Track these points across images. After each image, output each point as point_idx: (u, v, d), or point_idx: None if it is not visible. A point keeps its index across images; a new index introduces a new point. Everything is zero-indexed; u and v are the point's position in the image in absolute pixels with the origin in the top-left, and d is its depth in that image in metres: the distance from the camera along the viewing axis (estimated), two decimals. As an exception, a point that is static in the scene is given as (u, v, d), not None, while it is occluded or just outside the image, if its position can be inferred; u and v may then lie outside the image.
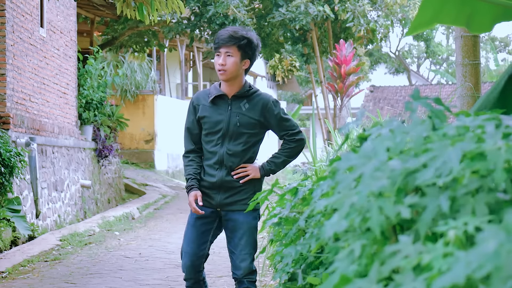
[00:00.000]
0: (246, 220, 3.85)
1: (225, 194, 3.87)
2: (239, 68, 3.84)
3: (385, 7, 16.78)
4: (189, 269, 3.98)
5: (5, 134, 8.38)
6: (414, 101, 1.43)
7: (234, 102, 3.87)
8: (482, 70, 31.69)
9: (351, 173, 1.35)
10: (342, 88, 13.75)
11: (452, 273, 1.06)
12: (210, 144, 3.90)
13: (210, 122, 3.89)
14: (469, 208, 1.22)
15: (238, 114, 3.85)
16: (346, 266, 1.26)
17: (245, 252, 3.85)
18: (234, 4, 14.88)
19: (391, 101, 31.29)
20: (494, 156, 1.20)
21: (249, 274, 3.88)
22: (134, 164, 18.51)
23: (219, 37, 3.83)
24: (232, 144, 3.85)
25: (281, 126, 3.91)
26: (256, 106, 3.86)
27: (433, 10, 2.60)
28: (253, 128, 3.86)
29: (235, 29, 3.88)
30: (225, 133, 3.85)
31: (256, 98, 3.88)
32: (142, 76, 19.00)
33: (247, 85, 3.90)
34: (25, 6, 9.74)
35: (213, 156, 3.89)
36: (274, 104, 3.89)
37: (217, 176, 3.87)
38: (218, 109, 3.88)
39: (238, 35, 3.81)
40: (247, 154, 3.87)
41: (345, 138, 1.67)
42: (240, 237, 3.86)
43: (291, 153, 3.95)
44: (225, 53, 3.81)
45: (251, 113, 3.85)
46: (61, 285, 6.17)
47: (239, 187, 3.86)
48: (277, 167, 3.94)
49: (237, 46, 3.80)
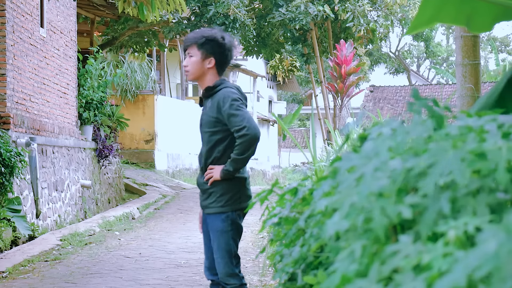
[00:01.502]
0: (214, 224, 3.82)
1: (203, 197, 3.90)
2: (201, 67, 3.79)
3: (385, 7, 16.79)
4: (207, 272, 3.98)
5: (5, 134, 8.38)
6: (415, 101, 1.43)
7: (205, 102, 3.87)
8: (482, 70, 31.70)
9: (352, 173, 1.36)
10: (342, 88, 13.76)
11: (453, 274, 1.06)
12: None
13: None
14: (470, 208, 1.22)
15: (203, 114, 3.86)
16: (347, 266, 1.26)
17: (217, 255, 3.81)
18: (234, 4, 14.88)
19: (391, 101, 31.30)
20: (495, 156, 1.20)
21: (229, 278, 3.79)
22: (134, 164, 18.52)
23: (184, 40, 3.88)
24: (203, 145, 3.88)
25: (230, 122, 3.73)
26: (214, 103, 3.79)
27: (433, 9, 2.60)
28: (213, 126, 3.77)
29: (199, 30, 3.89)
30: (200, 135, 3.91)
31: (216, 96, 3.78)
32: (142, 76, 19.00)
33: (216, 84, 3.81)
34: (25, 6, 9.75)
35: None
36: (225, 100, 3.73)
37: (198, 178, 3.96)
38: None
39: (197, 35, 3.80)
40: (211, 154, 3.80)
41: (346, 138, 1.68)
42: (212, 241, 3.84)
43: (239, 150, 3.71)
44: (187, 54, 3.82)
45: (210, 111, 3.79)
46: (61, 285, 6.17)
47: (208, 189, 3.83)
48: (230, 166, 3.74)
49: (196, 45, 3.78)
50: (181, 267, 6.98)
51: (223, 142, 3.80)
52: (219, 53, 3.82)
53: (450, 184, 1.26)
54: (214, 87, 3.81)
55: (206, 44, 3.79)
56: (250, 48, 17.62)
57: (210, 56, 3.80)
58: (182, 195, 15.29)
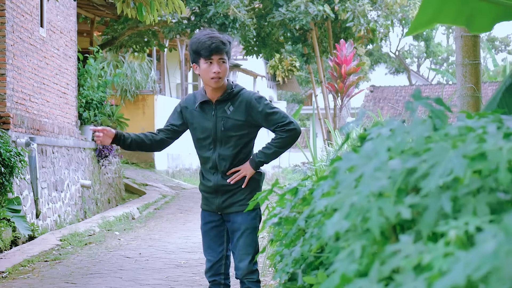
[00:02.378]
0: (245, 221, 3.86)
1: (222, 198, 3.88)
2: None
3: (385, 7, 16.78)
4: (209, 273, 3.99)
5: (5, 134, 8.38)
6: (415, 101, 1.43)
7: (219, 107, 3.84)
8: (482, 70, 31.71)
9: (352, 173, 1.35)
10: (342, 88, 13.76)
11: (452, 274, 1.06)
12: (203, 149, 3.91)
13: (199, 128, 3.89)
14: (470, 208, 1.22)
15: (223, 119, 3.82)
16: (347, 266, 1.26)
17: (243, 252, 3.86)
18: (234, 4, 14.88)
19: (391, 101, 31.30)
20: (496, 156, 1.20)
21: (249, 274, 3.88)
22: (134, 164, 18.52)
23: (210, 46, 3.73)
24: (223, 148, 3.84)
25: (269, 120, 3.83)
26: (240, 107, 3.82)
27: (433, 9, 2.60)
28: (241, 129, 3.83)
29: (217, 34, 3.81)
30: (214, 138, 3.85)
31: (239, 99, 3.83)
32: (142, 76, 19.00)
33: (229, 87, 3.84)
34: (25, 6, 9.74)
35: (208, 161, 3.90)
36: (257, 101, 3.82)
37: (213, 180, 3.89)
38: (205, 115, 3.87)
39: (225, 41, 3.78)
40: (238, 156, 3.86)
41: (346, 137, 1.68)
42: (238, 238, 3.87)
43: (283, 143, 3.87)
44: (219, 60, 3.76)
45: (237, 115, 3.81)
46: (61, 285, 6.17)
47: (235, 189, 3.86)
48: (267, 158, 3.88)
49: (226, 52, 3.79)
50: (181, 267, 6.98)
51: (250, 144, 3.91)
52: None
53: (450, 184, 1.26)
54: (233, 90, 3.84)
55: (230, 50, 3.83)
56: (250, 48, 17.63)
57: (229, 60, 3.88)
58: (182, 195, 15.29)
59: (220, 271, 3.99)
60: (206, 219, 3.98)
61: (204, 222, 3.99)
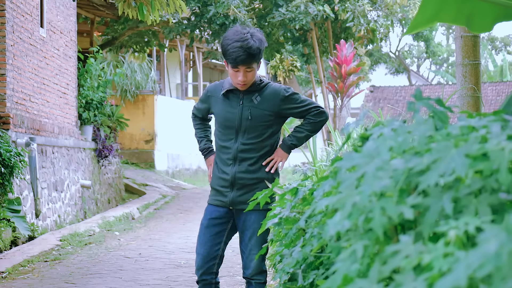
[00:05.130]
0: (258, 219, 3.79)
1: (238, 192, 3.83)
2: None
3: (385, 7, 16.78)
4: (201, 270, 3.90)
5: (5, 134, 8.37)
6: (416, 101, 1.43)
7: (246, 96, 3.85)
8: (482, 70, 31.71)
9: (354, 173, 1.35)
10: (342, 88, 13.76)
11: (453, 274, 1.05)
12: (223, 138, 3.88)
13: (222, 116, 3.87)
14: (472, 208, 1.22)
15: (250, 108, 3.82)
16: (348, 266, 1.26)
17: (254, 252, 3.81)
18: (234, 4, 14.88)
19: (391, 101, 31.29)
20: (498, 157, 1.19)
21: (258, 274, 3.84)
22: (134, 164, 18.51)
23: (238, 57, 3.71)
24: (246, 138, 3.83)
25: (299, 107, 3.89)
26: (268, 97, 3.85)
27: (433, 8, 2.60)
28: (267, 120, 3.84)
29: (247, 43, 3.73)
30: (238, 128, 3.83)
31: (267, 90, 3.87)
32: (142, 76, 19.00)
33: (257, 79, 3.88)
34: (25, 6, 9.74)
35: (227, 151, 3.87)
36: (286, 91, 3.87)
37: (230, 172, 3.84)
38: (230, 103, 3.87)
39: (254, 51, 3.74)
40: (263, 147, 3.85)
41: (347, 137, 1.67)
42: (250, 236, 3.82)
43: (314, 127, 3.94)
44: (245, 69, 3.77)
45: (264, 105, 3.84)
46: (61, 285, 6.17)
47: (252, 185, 3.82)
48: (299, 141, 3.95)
49: (256, 62, 3.80)
50: (181, 267, 6.97)
51: (275, 135, 3.92)
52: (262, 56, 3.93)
53: (452, 184, 1.26)
54: (262, 83, 3.88)
55: (260, 55, 3.82)
56: (250, 48, 17.58)
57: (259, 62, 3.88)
58: (182, 195, 15.29)
59: (212, 270, 3.90)
60: (213, 214, 3.90)
61: (209, 217, 3.90)
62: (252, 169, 3.84)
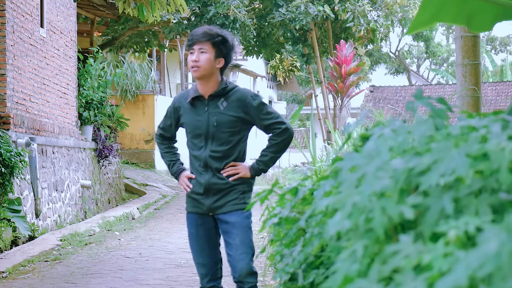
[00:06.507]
0: (238, 220, 3.73)
1: (214, 198, 3.75)
2: (213, 66, 3.71)
3: (385, 7, 16.78)
4: (207, 278, 3.83)
5: (5, 134, 8.37)
6: (417, 101, 1.43)
7: (211, 102, 3.75)
8: (482, 70, 31.71)
9: (354, 173, 1.35)
10: (342, 88, 13.75)
11: (454, 274, 1.05)
12: (194, 148, 3.82)
13: (190, 125, 3.80)
14: (472, 208, 1.22)
15: (216, 114, 3.72)
16: (349, 266, 1.26)
17: (241, 251, 3.72)
18: (234, 5, 14.88)
19: (391, 101, 31.28)
20: (498, 157, 1.20)
21: (249, 276, 3.75)
22: (134, 164, 18.51)
23: (193, 34, 3.72)
24: (214, 145, 3.74)
25: (262, 119, 3.74)
26: (234, 102, 3.73)
27: (433, 9, 2.60)
28: (234, 126, 3.73)
29: (209, 27, 3.77)
30: (206, 135, 3.75)
31: (234, 95, 3.75)
32: (142, 76, 19.00)
33: (223, 83, 3.76)
34: (25, 6, 9.74)
35: (198, 160, 3.79)
36: (253, 98, 3.75)
37: (203, 179, 3.76)
38: (196, 111, 3.78)
39: (213, 32, 3.70)
40: (232, 154, 3.75)
41: (347, 137, 1.67)
42: (234, 238, 3.73)
43: (278, 148, 3.80)
44: (199, 49, 3.69)
45: (230, 110, 3.72)
46: (61, 285, 6.17)
47: (227, 188, 3.74)
48: (266, 165, 3.80)
49: (211, 42, 3.69)
50: (181, 267, 6.97)
51: (242, 142, 3.81)
52: (228, 55, 3.79)
53: (452, 184, 1.26)
54: (227, 86, 3.76)
55: (221, 45, 3.72)
56: (250, 48, 17.62)
57: (221, 57, 3.75)
58: (182, 195, 15.28)
59: (217, 275, 3.85)
60: (198, 221, 3.82)
61: (195, 225, 3.82)
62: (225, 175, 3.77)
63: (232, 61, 3.90)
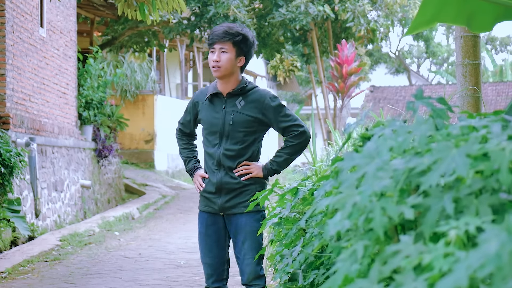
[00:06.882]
0: (248, 223, 3.70)
1: (226, 197, 3.73)
2: (234, 65, 3.71)
3: (385, 7, 16.78)
4: (212, 279, 3.81)
5: (5, 134, 8.37)
6: (417, 101, 1.43)
7: (229, 100, 3.75)
8: (482, 70, 31.68)
9: (354, 173, 1.35)
10: (343, 88, 13.75)
11: (454, 274, 1.05)
12: (208, 145, 3.80)
13: (207, 122, 3.79)
14: (472, 208, 1.22)
15: (233, 113, 3.72)
16: (349, 266, 1.26)
17: (249, 256, 3.70)
18: (234, 5, 14.88)
19: (391, 101, 31.28)
20: (498, 157, 1.19)
21: (256, 279, 3.73)
22: (134, 164, 18.51)
23: (213, 32, 3.71)
24: (228, 143, 3.72)
25: (280, 121, 3.74)
26: (253, 103, 3.73)
27: (433, 9, 2.60)
28: (250, 126, 3.72)
29: (230, 25, 3.77)
30: (221, 133, 3.73)
31: (253, 95, 3.75)
32: (142, 76, 18.99)
33: (243, 82, 3.76)
34: (25, 6, 9.74)
35: (211, 158, 3.77)
36: (271, 100, 3.74)
37: (216, 178, 3.74)
38: (214, 108, 3.77)
39: (233, 31, 3.69)
40: (245, 153, 3.73)
41: (347, 137, 1.67)
42: (243, 241, 3.72)
43: (294, 150, 3.78)
44: (220, 49, 3.69)
45: (247, 110, 3.72)
46: (61, 285, 6.17)
47: (240, 188, 3.72)
48: (279, 166, 3.78)
49: (232, 42, 3.69)
50: (180, 268, 6.97)
51: (257, 142, 3.79)
52: (249, 53, 3.79)
53: (452, 184, 1.26)
54: (247, 86, 3.76)
55: (242, 43, 3.71)
56: (250, 48, 17.58)
57: (242, 55, 3.74)
58: (182, 195, 15.28)
59: (223, 277, 3.83)
60: (208, 221, 3.80)
61: (205, 224, 3.81)
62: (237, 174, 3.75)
63: (252, 57, 3.89)
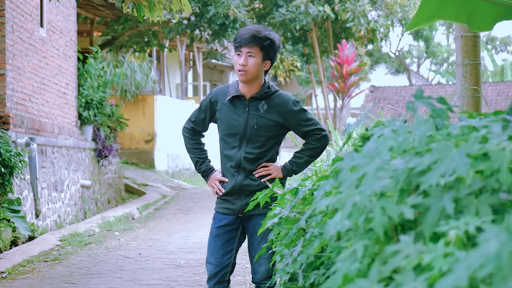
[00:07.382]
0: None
1: (246, 199, 3.72)
2: (259, 69, 3.69)
3: (385, 7, 16.78)
4: (214, 280, 3.82)
5: (5, 134, 8.37)
6: (417, 101, 1.43)
7: (252, 104, 3.73)
8: (482, 70, 31.71)
9: (354, 173, 1.35)
10: (343, 88, 13.75)
11: (454, 274, 1.05)
12: (226, 147, 3.78)
13: (226, 124, 3.76)
14: (472, 208, 1.22)
15: (256, 116, 3.71)
16: (349, 266, 1.26)
17: (264, 256, 3.70)
18: (234, 4, 14.88)
19: (391, 101, 31.29)
20: (498, 157, 1.19)
21: (267, 279, 3.77)
22: (134, 164, 18.51)
23: (241, 36, 3.67)
24: (249, 147, 3.72)
25: (302, 125, 3.77)
26: (275, 107, 3.73)
27: (434, 6, 2.60)
28: (272, 130, 3.73)
29: (257, 28, 3.72)
30: (242, 136, 3.73)
31: (275, 99, 3.74)
32: (142, 76, 18.99)
33: (266, 86, 3.75)
34: (25, 6, 9.74)
35: (230, 160, 3.76)
36: (294, 104, 3.75)
37: (235, 181, 3.75)
38: (235, 110, 3.75)
39: (262, 36, 3.66)
40: (265, 156, 3.75)
41: (347, 137, 1.67)
42: (259, 241, 3.73)
43: (314, 152, 3.81)
44: (247, 53, 3.66)
45: (270, 115, 3.72)
46: (61, 285, 6.17)
47: (260, 189, 3.67)
48: (299, 167, 3.81)
49: (259, 46, 3.67)
50: (181, 268, 6.97)
51: (277, 145, 3.81)
52: (275, 57, 3.78)
53: (452, 184, 1.26)
54: (269, 90, 3.75)
55: (269, 48, 3.70)
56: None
57: (268, 59, 3.73)
58: (182, 195, 15.28)
59: (225, 278, 3.83)
60: (222, 222, 3.80)
61: (218, 225, 3.81)
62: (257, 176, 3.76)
63: (276, 61, 3.92)
